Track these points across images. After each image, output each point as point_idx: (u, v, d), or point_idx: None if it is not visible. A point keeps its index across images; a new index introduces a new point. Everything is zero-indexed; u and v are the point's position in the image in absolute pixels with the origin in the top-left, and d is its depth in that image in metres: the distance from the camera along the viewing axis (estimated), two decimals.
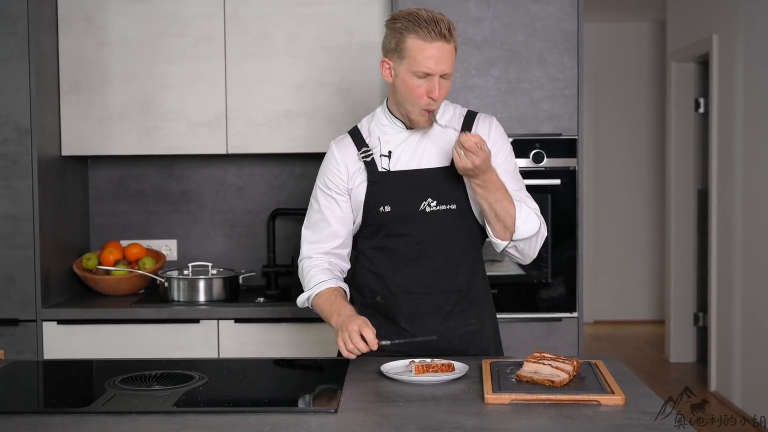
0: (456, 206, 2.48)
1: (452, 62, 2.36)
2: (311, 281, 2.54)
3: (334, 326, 2.41)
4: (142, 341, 3.47)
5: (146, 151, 3.72)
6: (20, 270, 3.45)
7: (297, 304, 2.60)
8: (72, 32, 3.67)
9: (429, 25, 2.31)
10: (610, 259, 8.27)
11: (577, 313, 3.53)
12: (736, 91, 5.38)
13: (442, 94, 2.40)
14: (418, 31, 2.32)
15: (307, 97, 3.69)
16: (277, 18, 3.67)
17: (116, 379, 2.22)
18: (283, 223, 4.02)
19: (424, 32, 2.32)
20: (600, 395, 2.01)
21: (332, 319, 2.42)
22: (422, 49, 2.33)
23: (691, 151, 6.66)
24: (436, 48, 2.33)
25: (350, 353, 2.31)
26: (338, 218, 2.56)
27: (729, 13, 5.51)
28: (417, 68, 2.34)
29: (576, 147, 3.52)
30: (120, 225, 4.06)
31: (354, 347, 2.29)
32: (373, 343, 2.28)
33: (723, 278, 5.63)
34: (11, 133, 3.42)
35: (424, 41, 2.32)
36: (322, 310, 2.49)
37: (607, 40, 8.10)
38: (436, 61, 2.33)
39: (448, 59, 2.35)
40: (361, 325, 2.30)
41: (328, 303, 2.47)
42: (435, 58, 2.33)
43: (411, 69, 2.36)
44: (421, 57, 2.33)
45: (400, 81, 2.40)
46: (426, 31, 2.31)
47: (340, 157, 2.54)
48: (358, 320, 2.33)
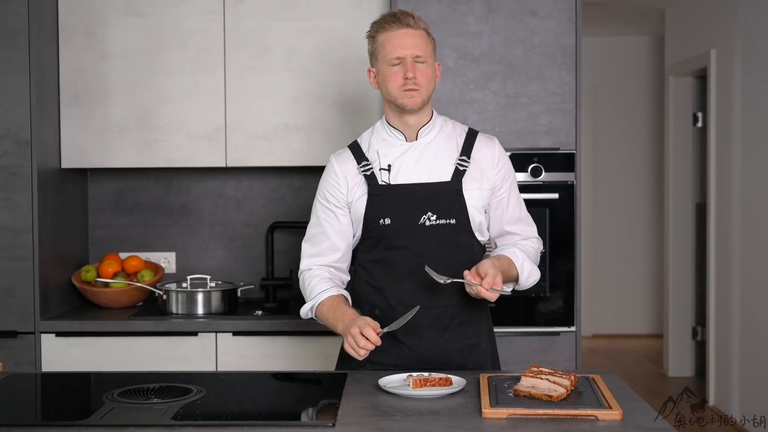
0: (455, 221, 2.51)
1: (423, 46, 2.51)
2: (313, 291, 2.56)
3: (340, 333, 2.44)
4: (141, 354, 3.47)
5: (146, 164, 3.73)
6: (19, 282, 3.45)
7: (300, 315, 2.61)
8: (72, 45, 3.69)
9: (392, 18, 2.51)
10: (609, 273, 8.26)
11: (575, 327, 3.53)
12: (734, 106, 5.39)
13: (421, 76, 2.50)
14: (384, 26, 2.51)
15: (306, 110, 3.70)
16: (277, 32, 3.69)
17: (114, 392, 2.22)
18: (281, 236, 4.02)
19: (389, 25, 2.51)
20: (597, 410, 2.01)
21: (338, 327, 2.45)
22: (390, 39, 2.50)
23: (689, 166, 6.67)
24: (402, 34, 2.49)
25: (360, 356, 2.34)
26: (337, 231, 2.58)
27: (727, 27, 5.53)
28: (389, 56, 2.50)
29: (574, 161, 3.53)
30: (119, 237, 4.06)
31: (362, 349, 2.32)
32: (376, 340, 2.31)
33: (721, 292, 5.63)
34: (11, 145, 3.43)
35: (391, 32, 2.50)
36: (327, 319, 2.51)
37: (605, 54, 8.12)
38: (404, 45, 2.48)
39: (417, 43, 2.49)
40: (361, 325, 2.33)
41: (331, 311, 2.49)
42: (403, 43, 2.48)
43: (385, 60, 2.51)
44: (390, 46, 2.49)
45: (381, 76, 2.54)
46: (390, 23, 2.50)
47: (340, 171, 2.57)
48: (358, 321, 2.35)
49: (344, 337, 2.38)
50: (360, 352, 2.33)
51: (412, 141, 2.56)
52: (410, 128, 2.56)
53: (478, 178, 2.55)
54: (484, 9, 3.51)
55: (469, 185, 2.53)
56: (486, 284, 2.33)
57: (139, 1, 3.69)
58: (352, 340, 2.33)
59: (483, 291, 2.34)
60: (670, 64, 6.73)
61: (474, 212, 2.53)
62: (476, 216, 2.54)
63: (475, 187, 2.53)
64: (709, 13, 5.89)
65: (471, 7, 3.51)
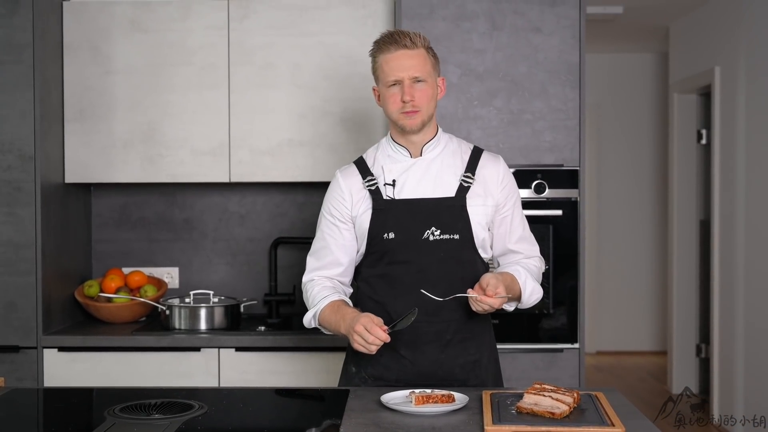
0: (459, 236, 2.51)
1: (422, 66, 2.50)
2: (315, 298, 2.57)
3: (344, 333, 2.44)
4: (143, 369, 3.47)
5: (149, 179, 3.73)
6: (21, 297, 3.45)
7: (304, 324, 2.60)
8: (77, 61, 3.70)
9: (390, 39, 2.51)
10: (612, 289, 8.25)
11: (578, 344, 3.52)
12: (738, 123, 5.39)
13: (420, 97, 2.51)
14: (382, 47, 2.52)
15: (310, 126, 3.71)
16: (281, 48, 3.70)
17: (116, 408, 2.22)
18: (284, 252, 4.02)
19: (386, 46, 2.51)
20: (600, 427, 2.00)
21: (341, 327, 2.45)
22: (387, 60, 2.50)
23: (693, 183, 6.66)
24: (399, 56, 2.49)
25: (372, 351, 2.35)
26: (341, 246, 2.59)
27: (731, 45, 5.54)
28: (387, 78, 2.51)
29: (578, 178, 3.52)
30: (122, 252, 4.07)
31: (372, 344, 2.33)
32: (385, 338, 2.33)
33: (725, 309, 5.62)
34: (15, 160, 3.44)
35: (388, 53, 2.50)
36: (329, 323, 2.51)
37: (609, 71, 8.13)
38: (401, 67, 2.49)
39: (415, 64, 2.49)
40: (365, 323, 2.34)
41: (332, 313, 2.50)
42: (400, 65, 2.49)
43: (384, 81, 2.53)
44: (388, 68, 2.50)
45: (382, 97, 2.56)
46: (387, 45, 2.51)
47: (345, 185, 2.59)
48: (361, 318, 2.36)
49: (350, 336, 2.39)
50: (371, 347, 2.34)
51: (416, 157, 2.57)
52: (414, 145, 2.58)
53: (482, 195, 2.55)
54: (488, 26, 3.52)
55: (473, 202, 2.54)
56: (489, 291, 2.35)
57: (143, 16, 3.70)
58: (359, 338, 2.34)
59: (486, 298, 2.34)
60: (674, 81, 6.74)
61: (478, 228, 2.53)
62: (480, 232, 2.54)
63: (479, 204, 2.54)
64: (713, 30, 5.90)
65: (475, 24, 3.52)
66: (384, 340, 2.33)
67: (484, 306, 2.37)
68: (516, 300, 2.56)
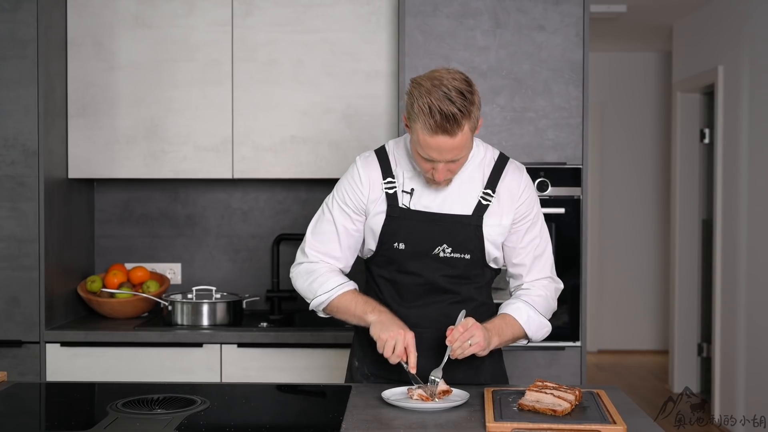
0: (470, 256, 2.47)
1: (460, 149, 2.31)
2: (328, 281, 2.48)
3: (371, 321, 2.40)
4: (145, 364, 3.48)
5: (152, 175, 3.74)
6: (24, 291, 3.45)
7: (311, 304, 2.52)
8: (81, 56, 3.70)
9: (435, 119, 2.24)
10: (614, 288, 8.25)
11: (580, 342, 3.53)
12: (741, 122, 5.39)
13: (453, 171, 2.38)
14: (426, 121, 2.26)
15: (313, 123, 3.71)
16: (284, 44, 3.70)
17: (118, 403, 2.22)
18: (287, 248, 4.02)
19: (430, 124, 2.25)
20: (601, 425, 2.01)
21: (369, 316, 2.41)
22: (426, 139, 2.28)
23: (696, 182, 6.66)
24: (440, 141, 2.27)
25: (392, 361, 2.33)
26: (348, 235, 2.52)
27: (734, 44, 5.54)
28: (421, 152, 2.33)
29: (581, 176, 3.52)
30: (125, 248, 4.07)
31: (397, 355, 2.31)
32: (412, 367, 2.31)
33: (727, 309, 5.62)
34: (18, 155, 3.44)
35: (428, 134, 2.27)
36: (348, 308, 2.46)
37: (612, 69, 8.13)
38: (438, 153, 2.30)
39: (452, 151, 2.30)
40: (410, 341, 2.32)
41: (361, 302, 2.46)
42: (437, 150, 2.29)
43: (416, 148, 2.35)
44: (425, 146, 2.30)
45: (412, 146, 2.39)
46: (431, 125, 2.25)
47: (365, 177, 2.50)
48: (408, 334, 2.34)
49: (381, 328, 2.35)
50: (392, 358, 2.31)
51: None
52: None
53: (499, 214, 2.47)
54: (492, 23, 3.52)
55: (489, 221, 2.46)
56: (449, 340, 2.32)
57: (147, 12, 3.70)
58: (392, 343, 2.31)
59: (455, 348, 2.31)
60: (677, 80, 6.73)
61: (491, 247, 2.48)
62: (492, 251, 2.49)
63: (495, 223, 2.46)
64: (716, 29, 5.90)
65: (479, 21, 3.52)
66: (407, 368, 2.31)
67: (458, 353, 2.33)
68: (522, 338, 2.52)
